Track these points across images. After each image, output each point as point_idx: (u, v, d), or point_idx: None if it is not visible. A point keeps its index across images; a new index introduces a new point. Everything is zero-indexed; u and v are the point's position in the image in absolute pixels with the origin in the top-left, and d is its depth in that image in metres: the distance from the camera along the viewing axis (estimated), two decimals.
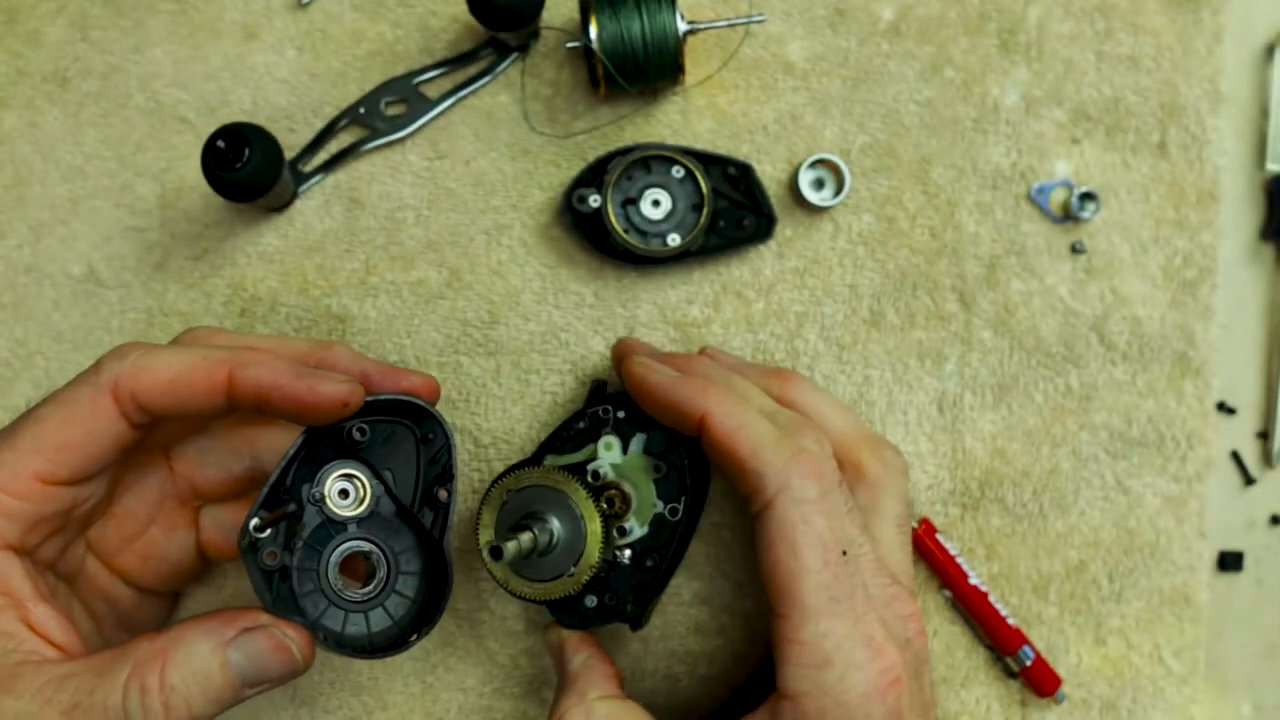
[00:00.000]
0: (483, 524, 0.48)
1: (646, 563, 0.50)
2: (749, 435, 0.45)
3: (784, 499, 0.44)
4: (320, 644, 0.45)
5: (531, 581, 0.48)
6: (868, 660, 0.43)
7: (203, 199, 0.59)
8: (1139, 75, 0.60)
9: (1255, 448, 0.61)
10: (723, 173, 0.58)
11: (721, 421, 0.46)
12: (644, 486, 0.50)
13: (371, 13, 0.60)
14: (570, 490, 0.48)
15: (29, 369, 0.59)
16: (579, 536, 0.47)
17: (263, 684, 0.43)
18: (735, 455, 0.45)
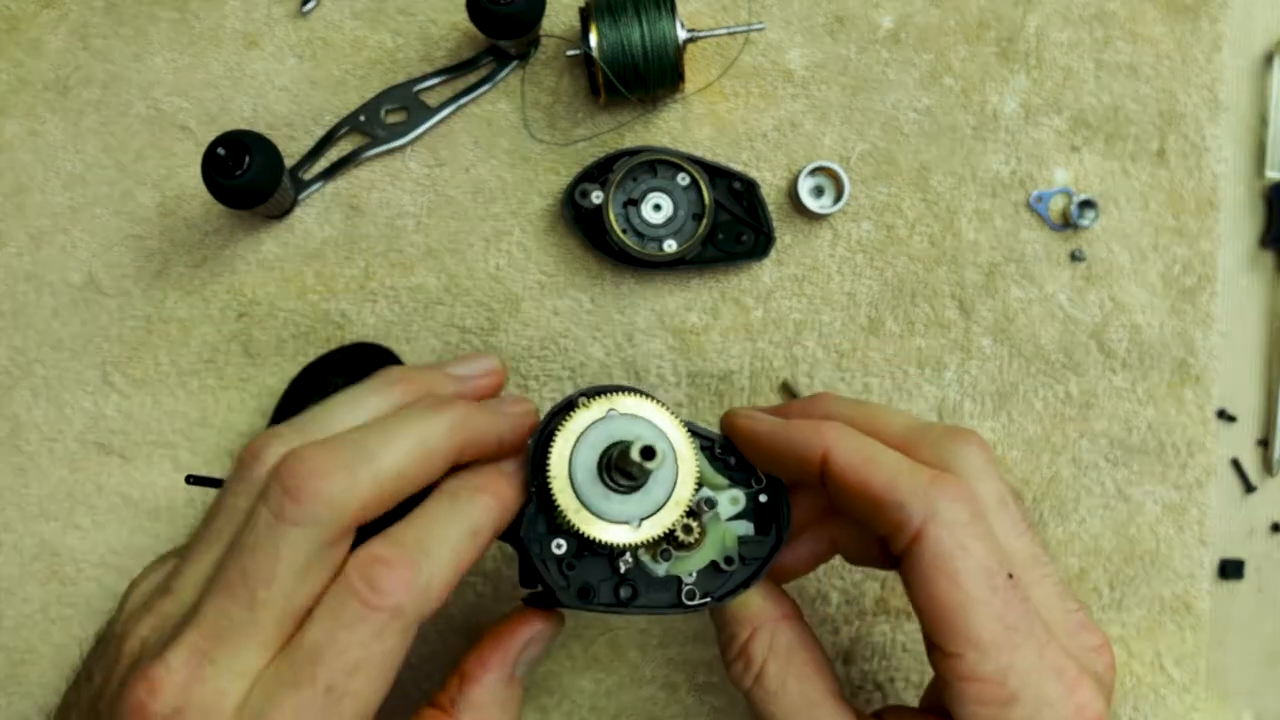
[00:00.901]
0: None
1: (623, 593, 0.43)
2: (881, 466, 0.40)
3: (933, 527, 0.39)
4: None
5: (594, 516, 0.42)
6: (1061, 696, 0.38)
7: (203, 207, 0.59)
8: (1138, 83, 0.60)
9: (1255, 455, 0.61)
10: (728, 186, 0.58)
11: (847, 457, 0.41)
12: (719, 536, 0.44)
13: (372, 21, 0.60)
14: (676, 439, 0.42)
15: (28, 377, 0.59)
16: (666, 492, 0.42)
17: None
18: (869, 490, 0.40)
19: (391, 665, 0.36)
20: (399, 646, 0.36)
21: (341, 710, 0.35)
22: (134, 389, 0.59)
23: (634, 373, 0.58)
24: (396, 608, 0.36)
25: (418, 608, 0.36)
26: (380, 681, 0.36)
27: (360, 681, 0.35)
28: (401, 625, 0.36)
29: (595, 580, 0.42)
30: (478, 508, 0.40)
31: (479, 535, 0.40)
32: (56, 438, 0.59)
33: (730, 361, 0.58)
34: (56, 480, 0.59)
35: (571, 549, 0.42)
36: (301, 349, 0.58)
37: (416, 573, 0.36)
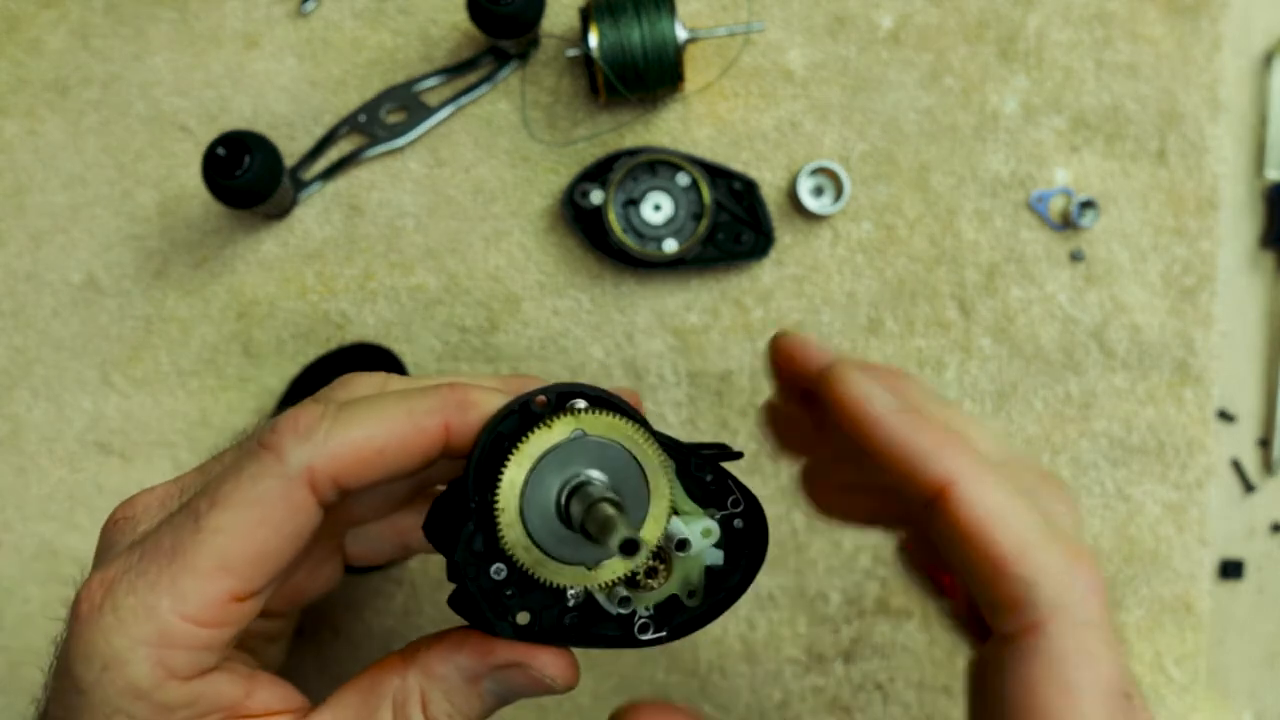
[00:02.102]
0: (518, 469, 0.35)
1: (568, 620, 0.36)
2: (1014, 526, 0.33)
3: (1060, 623, 0.32)
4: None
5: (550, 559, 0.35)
6: None
7: (203, 207, 0.59)
8: (1138, 83, 0.60)
9: (1255, 455, 0.61)
10: (728, 186, 0.58)
11: (977, 501, 0.33)
12: (684, 570, 0.38)
13: (372, 21, 0.60)
14: (652, 470, 0.35)
15: (28, 376, 0.59)
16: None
17: (526, 697, 0.37)
18: (992, 552, 0.33)
19: (266, 515, 0.33)
20: (278, 496, 0.33)
21: (201, 540, 0.33)
22: (134, 389, 0.59)
23: (634, 373, 0.58)
24: (277, 447, 0.33)
25: (302, 456, 0.33)
26: (250, 525, 0.33)
27: (226, 518, 0.33)
28: (282, 471, 0.33)
29: (537, 607, 0.36)
30: (430, 397, 0.35)
31: (417, 418, 0.35)
32: (56, 438, 0.59)
33: (730, 361, 0.58)
34: (56, 480, 0.59)
35: (512, 576, 0.35)
36: (301, 349, 0.58)
37: (314, 421, 0.34)
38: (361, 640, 0.58)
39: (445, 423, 0.35)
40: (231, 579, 0.34)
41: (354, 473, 0.34)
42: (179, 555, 0.34)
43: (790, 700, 0.58)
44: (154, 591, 0.33)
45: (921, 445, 0.34)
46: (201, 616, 0.34)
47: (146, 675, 0.33)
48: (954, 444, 0.34)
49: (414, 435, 0.35)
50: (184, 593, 0.33)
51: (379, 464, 0.35)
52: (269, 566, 0.34)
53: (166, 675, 0.34)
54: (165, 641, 0.33)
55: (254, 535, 0.34)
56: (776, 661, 0.58)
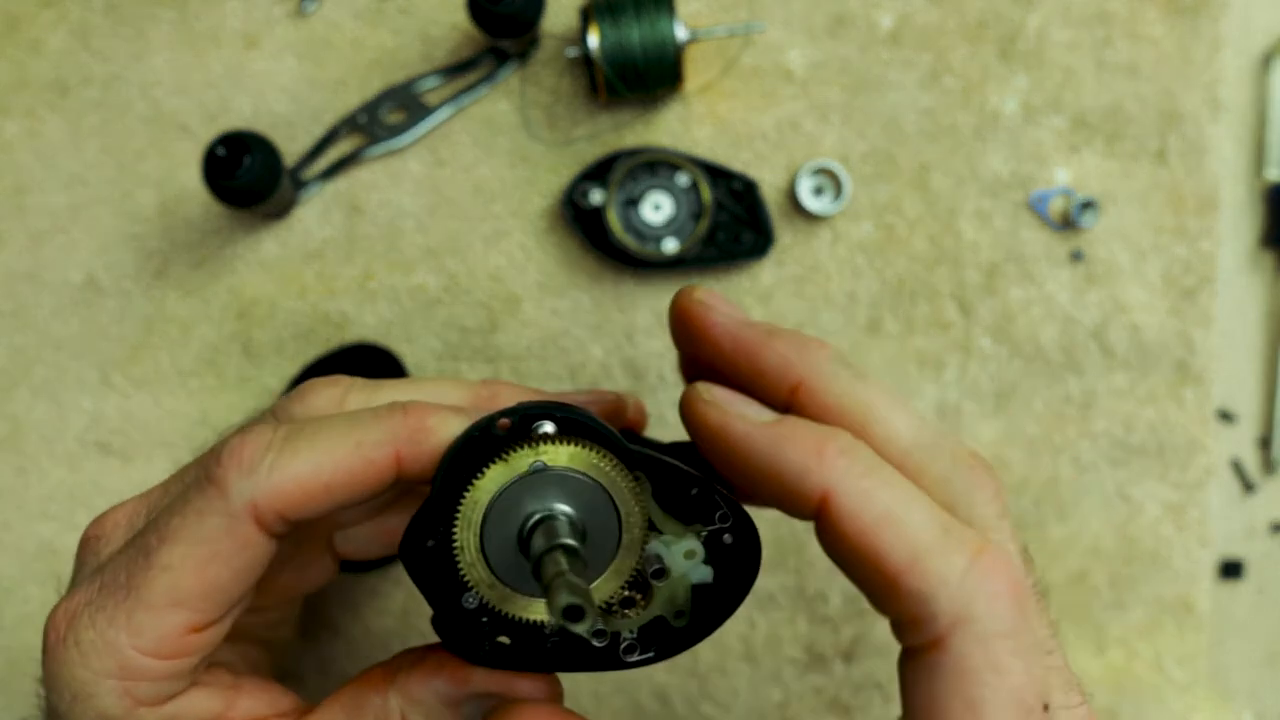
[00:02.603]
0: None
1: (550, 644, 0.35)
2: (905, 533, 0.30)
3: (962, 637, 0.30)
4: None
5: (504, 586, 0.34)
6: None
7: (203, 207, 0.59)
8: (1138, 83, 0.60)
9: (1255, 455, 0.61)
10: (728, 186, 0.58)
11: (860, 509, 0.31)
12: (669, 592, 0.35)
13: (372, 21, 0.60)
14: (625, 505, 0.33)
15: (28, 377, 0.59)
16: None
17: None
18: (882, 563, 0.30)
19: (214, 551, 0.33)
20: (223, 532, 0.33)
21: (152, 577, 0.33)
22: (134, 389, 0.59)
23: (634, 373, 0.58)
24: (221, 482, 0.33)
25: (245, 491, 0.33)
26: (198, 562, 0.33)
27: (174, 555, 0.33)
28: (225, 507, 0.33)
29: (515, 633, 0.34)
30: (381, 425, 0.34)
31: (365, 450, 0.34)
32: (56, 438, 0.59)
33: None
34: (56, 480, 0.59)
35: (486, 606, 0.34)
36: (301, 349, 0.59)
37: (257, 453, 0.33)
38: (361, 640, 0.58)
39: (396, 454, 0.34)
40: (186, 612, 0.34)
41: (300, 506, 0.33)
42: (133, 590, 0.33)
43: (790, 700, 0.58)
44: (112, 626, 0.33)
45: (790, 460, 0.31)
46: (160, 650, 0.34)
47: (115, 705, 0.34)
48: (828, 450, 0.31)
49: (362, 468, 0.33)
50: (140, 628, 0.33)
51: (325, 498, 0.34)
52: (223, 598, 0.34)
53: (134, 704, 0.34)
54: (128, 674, 0.33)
55: (204, 572, 0.33)
56: (776, 661, 0.58)
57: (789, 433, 0.32)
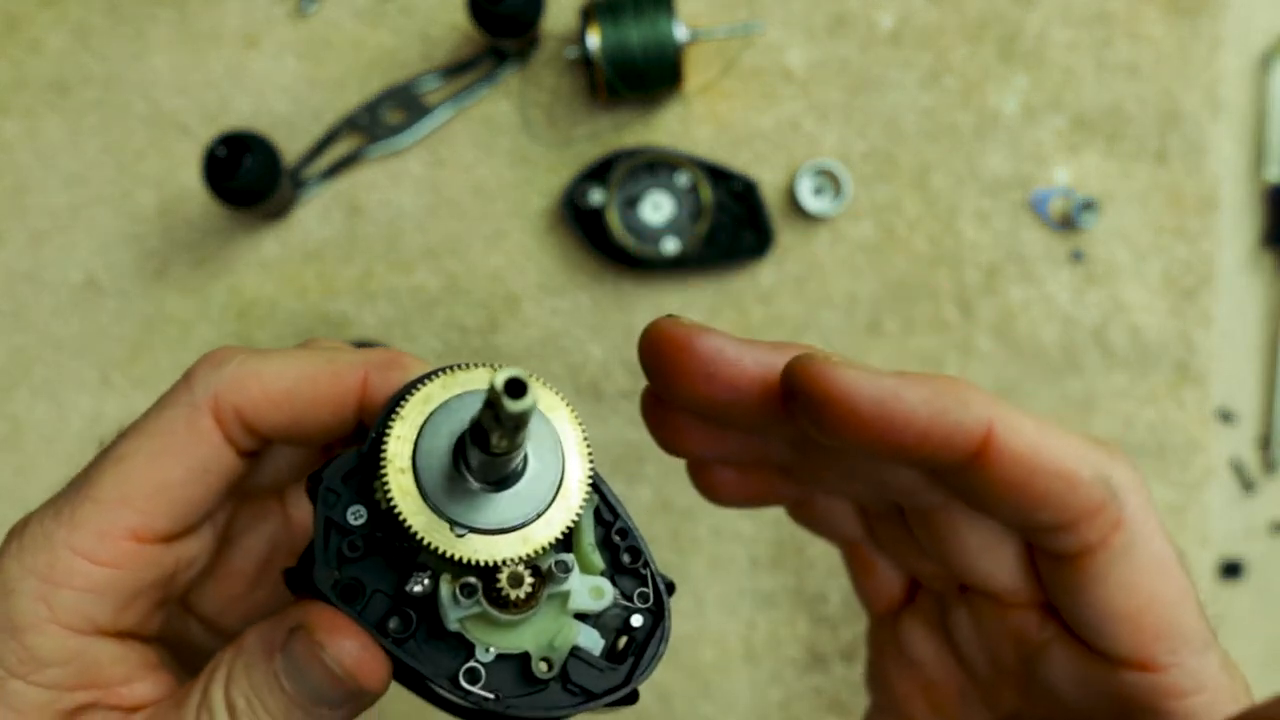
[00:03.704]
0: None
1: (392, 625, 0.31)
2: (1062, 440, 0.31)
3: (1137, 506, 0.31)
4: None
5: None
6: (1241, 687, 0.33)
7: (202, 207, 0.59)
8: (1138, 83, 0.60)
9: (1255, 455, 0.61)
10: (728, 187, 0.58)
11: (1021, 429, 0.30)
12: (551, 618, 0.32)
13: (372, 21, 0.60)
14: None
15: (28, 376, 0.59)
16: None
17: (332, 704, 0.32)
18: (1060, 468, 0.30)
19: (169, 442, 0.32)
20: (181, 423, 0.32)
21: (105, 468, 0.33)
22: (134, 389, 0.59)
23: (634, 373, 0.58)
24: (190, 376, 0.33)
25: (210, 383, 0.32)
26: (151, 453, 0.32)
27: (130, 445, 0.32)
28: (189, 399, 0.32)
29: (371, 585, 0.31)
30: (359, 353, 0.34)
31: (336, 365, 0.33)
32: (56, 438, 0.59)
33: None
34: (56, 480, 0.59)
35: (367, 526, 0.31)
36: None
37: (231, 353, 0.33)
38: None
39: (364, 377, 0.33)
40: (131, 512, 0.32)
41: (261, 411, 0.33)
42: (85, 484, 0.33)
43: (790, 700, 0.58)
44: (55, 521, 0.33)
45: (949, 404, 0.30)
46: (96, 553, 0.32)
47: (28, 608, 0.32)
48: (960, 386, 0.30)
49: (327, 382, 0.33)
50: (81, 521, 0.32)
51: (287, 406, 0.33)
52: (171, 501, 0.33)
53: (49, 616, 0.32)
54: (54, 576, 0.32)
55: (155, 464, 0.32)
56: (776, 661, 0.58)
57: (932, 379, 0.30)
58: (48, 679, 0.32)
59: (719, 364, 0.32)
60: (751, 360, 0.32)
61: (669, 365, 0.33)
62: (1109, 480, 0.31)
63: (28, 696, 0.32)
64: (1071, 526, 0.31)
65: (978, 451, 0.30)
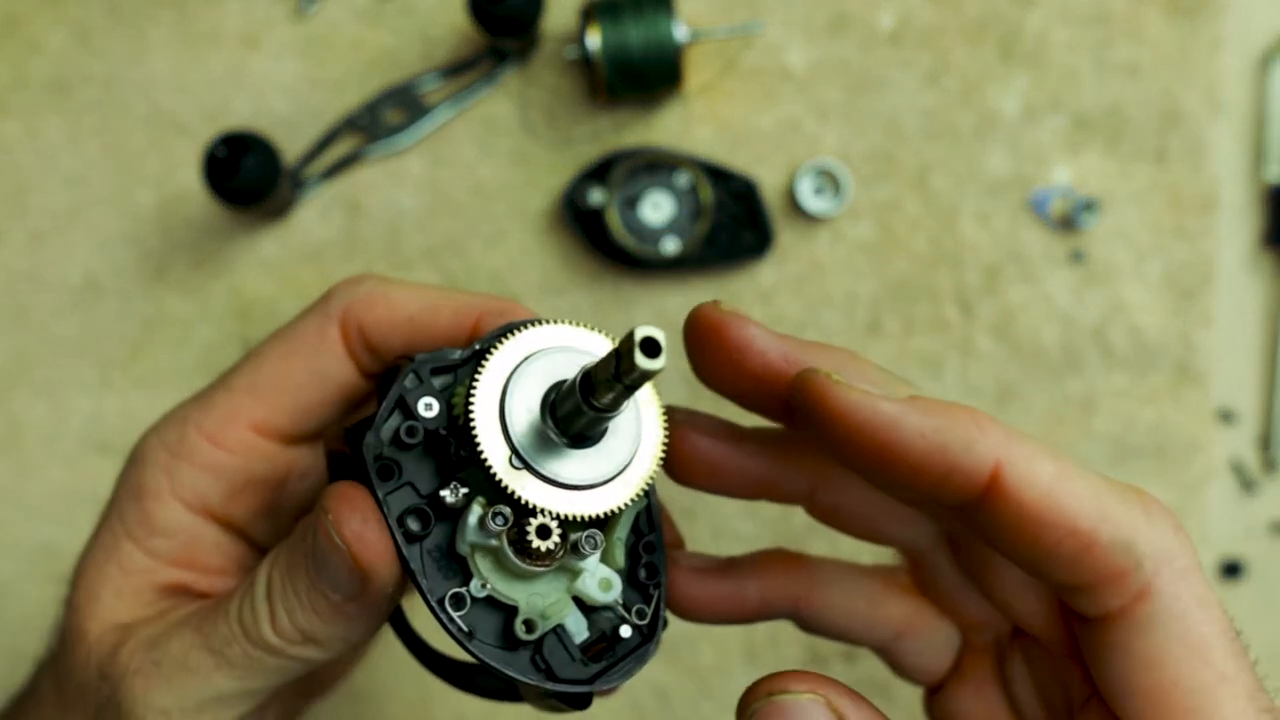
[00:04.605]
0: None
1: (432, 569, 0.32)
2: (1083, 489, 0.28)
3: (1170, 577, 0.28)
4: None
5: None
6: None
7: (202, 207, 0.59)
8: (1138, 83, 0.60)
9: (1255, 455, 0.61)
10: (728, 187, 0.58)
11: (1034, 472, 0.28)
12: (558, 589, 0.32)
13: (372, 21, 0.60)
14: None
15: (28, 376, 0.59)
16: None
17: (344, 591, 0.32)
18: (1073, 522, 0.27)
19: (297, 346, 0.36)
20: (312, 329, 0.36)
21: (242, 365, 0.36)
22: (134, 389, 0.59)
23: None
24: (329, 293, 0.36)
25: (343, 298, 0.36)
26: (282, 353, 0.36)
27: (266, 346, 0.36)
28: (323, 308, 0.36)
29: (409, 475, 0.31)
30: (478, 297, 0.36)
31: (454, 301, 0.36)
32: (56, 438, 0.59)
33: None
34: (56, 480, 0.59)
35: (434, 422, 0.31)
36: None
37: (366, 278, 0.36)
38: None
39: (479, 317, 0.35)
40: (256, 403, 0.35)
41: (383, 330, 0.35)
42: (225, 377, 0.36)
43: None
44: (195, 404, 0.36)
45: (955, 435, 0.28)
46: (219, 436, 0.35)
47: (152, 479, 0.35)
48: (984, 421, 0.28)
49: (446, 315, 0.35)
50: (210, 405, 0.35)
51: (407, 330, 0.35)
52: (294, 400, 0.35)
53: (169, 487, 0.35)
54: (180, 450, 0.35)
55: (284, 363, 0.35)
56: (777, 661, 0.58)
57: (943, 408, 0.28)
58: (155, 548, 0.35)
59: (747, 352, 0.32)
60: (779, 353, 0.31)
61: (704, 346, 0.32)
62: (1133, 546, 0.27)
63: (135, 559, 0.35)
64: (1088, 589, 0.28)
65: (983, 493, 0.28)
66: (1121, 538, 0.27)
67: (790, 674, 0.29)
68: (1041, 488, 0.28)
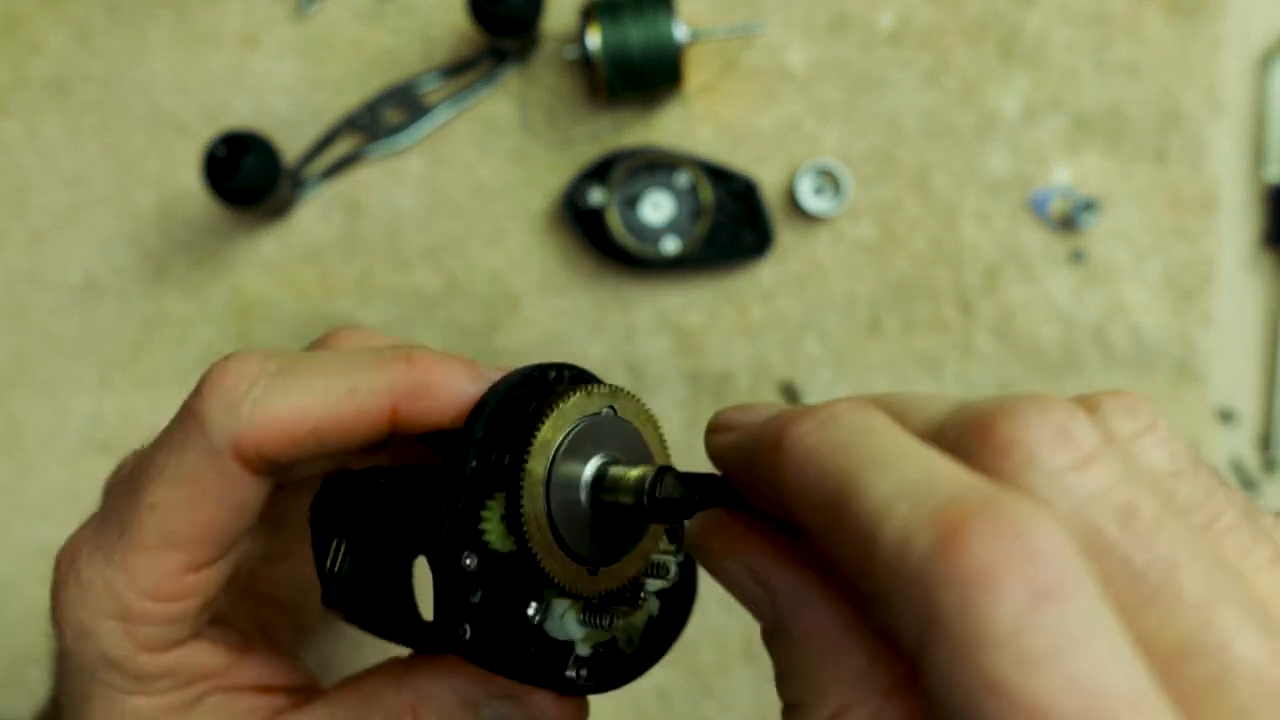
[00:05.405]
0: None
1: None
2: (868, 481, 0.21)
3: (936, 653, 0.19)
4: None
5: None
6: None
7: (202, 207, 0.59)
8: (1138, 83, 0.60)
9: (1256, 455, 0.61)
10: (728, 187, 0.58)
11: (803, 450, 0.23)
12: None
13: (372, 21, 0.60)
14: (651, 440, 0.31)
15: (28, 376, 0.59)
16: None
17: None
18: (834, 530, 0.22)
19: (200, 490, 0.31)
20: (206, 469, 0.31)
21: (142, 517, 0.32)
22: (134, 389, 0.59)
23: (634, 373, 0.58)
24: (201, 415, 0.31)
25: (226, 428, 0.30)
26: (184, 501, 0.31)
27: (160, 493, 0.31)
28: (206, 444, 0.31)
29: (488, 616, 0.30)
30: (383, 371, 0.31)
31: (359, 399, 0.31)
32: (56, 438, 0.59)
33: (730, 361, 0.58)
34: (56, 480, 0.59)
35: (483, 567, 0.29)
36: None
37: (242, 386, 0.31)
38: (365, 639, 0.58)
39: (393, 406, 0.31)
40: (180, 553, 0.32)
41: (285, 449, 0.31)
42: (126, 531, 0.32)
43: None
44: (110, 566, 0.33)
45: (762, 427, 0.25)
46: (158, 592, 0.32)
47: (116, 647, 0.33)
48: (789, 410, 0.24)
49: (353, 416, 0.31)
50: (135, 569, 0.32)
51: (312, 443, 0.31)
52: (218, 537, 0.32)
53: (138, 648, 0.33)
54: (129, 617, 0.33)
55: (192, 511, 0.32)
56: None
57: (768, 415, 0.25)
58: (160, 688, 0.34)
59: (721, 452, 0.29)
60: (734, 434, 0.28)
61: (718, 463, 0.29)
62: (887, 596, 0.20)
63: (151, 707, 0.34)
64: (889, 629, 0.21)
65: (778, 478, 0.24)
66: (877, 587, 0.20)
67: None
68: (812, 470, 0.23)
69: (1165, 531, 0.21)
